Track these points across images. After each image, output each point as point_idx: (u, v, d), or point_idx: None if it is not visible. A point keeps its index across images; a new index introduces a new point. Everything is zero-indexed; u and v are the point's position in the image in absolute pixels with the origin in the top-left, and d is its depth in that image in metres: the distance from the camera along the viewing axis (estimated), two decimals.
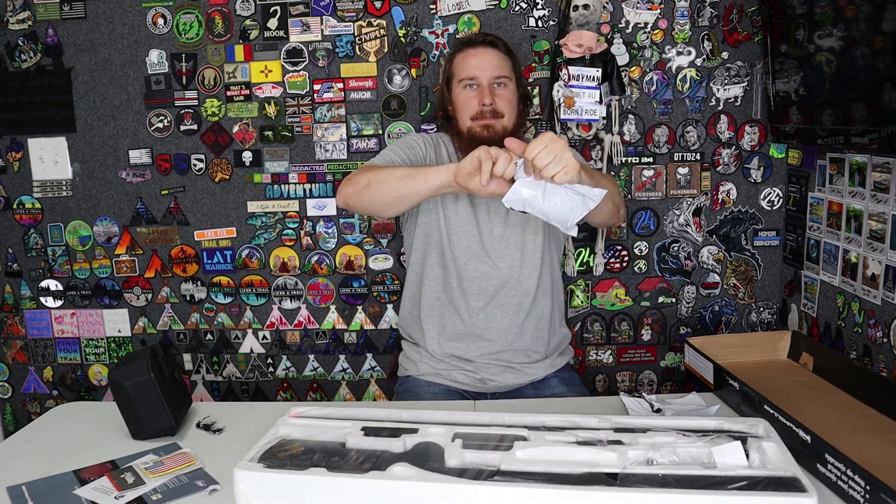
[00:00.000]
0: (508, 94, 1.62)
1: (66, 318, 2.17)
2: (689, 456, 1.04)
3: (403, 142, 1.66)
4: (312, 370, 2.14)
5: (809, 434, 1.09)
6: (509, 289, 1.64)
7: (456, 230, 1.64)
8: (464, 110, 1.62)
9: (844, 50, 1.44)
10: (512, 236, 1.65)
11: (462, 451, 1.07)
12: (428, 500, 0.99)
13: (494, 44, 1.64)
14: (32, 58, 2.02)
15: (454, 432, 1.13)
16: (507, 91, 1.62)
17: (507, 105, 1.61)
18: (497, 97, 1.60)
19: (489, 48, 1.64)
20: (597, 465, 1.02)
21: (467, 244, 1.64)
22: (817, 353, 1.57)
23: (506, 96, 1.61)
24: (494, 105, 1.59)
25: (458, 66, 1.65)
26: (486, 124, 1.59)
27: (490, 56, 1.63)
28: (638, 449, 1.05)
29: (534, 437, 1.11)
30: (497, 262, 1.65)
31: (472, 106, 1.60)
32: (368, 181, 1.45)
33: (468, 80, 1.61)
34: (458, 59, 1.66)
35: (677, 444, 1.07)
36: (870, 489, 0.96)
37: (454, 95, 1.66)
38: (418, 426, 1.16)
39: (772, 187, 1.96)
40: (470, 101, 1.61)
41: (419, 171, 1.42)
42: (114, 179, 2.07)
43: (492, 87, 1.60)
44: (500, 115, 1.60)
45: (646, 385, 2.08)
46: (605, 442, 1.09)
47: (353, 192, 1.48)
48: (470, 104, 1.61)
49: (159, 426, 1.30)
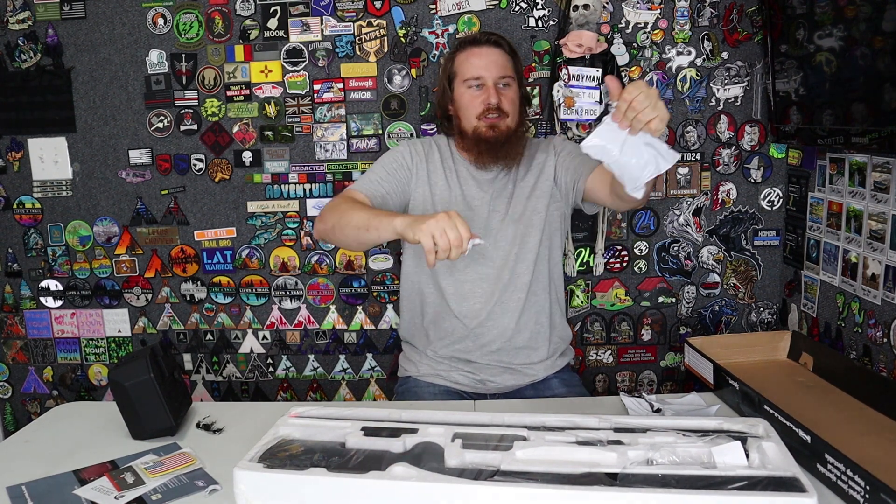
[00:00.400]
0: (512, 93, 1.62)
1: (66, 318, 2.17)
2: (689, 456, 1.04)
3: (390, 159, 1.67)
4: (312, 370, 2.14)
5: (809, 434, 1.10)
6: (505, 285, 1.64)
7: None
8: (468, 110, 1.61)
9: (844, 50, 1.44)
10: (507, 231, 1.65)
11: (462, 451, 1.07)
12: (428, 500, 0.99)
13: (499, 43, 1.64)
14: (32, 58, 2.02)
15: (454, 432, 1.13)
16: (510, 91, 1.62)
17: (510, 105, 1.61)
18: (502, 96, 1.59)
19: (494, 48, 1.63)
20: (597, 465, 1.02)
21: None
22: (817, 354, 1.57)
23: (510, 96, 1.61)
24: (500, 104, 1.58)
25: (462, 66, 1.63)
26: (491, 124, 1.58)
27: (495, 56, 1.62)
28: (638, 449, 1.05)
29: (534, 437, 1.11)
30: (492, 259, 1.64)
31: (477, 106, 1.60)
32: (334, 224, 1.49)
33: (473, 79, 1.60)
34: (460, 58, 1.64)
35: (677, 444, 1.07)
36: (870, 489, 0.96)
37: (457, 95, 1.64)
38: (418, 426, 1.16)
39: (772, 187, 1.96)
40: (475, 101, 1.60)
41: (373, 221, 1.40)
42: (114, 179, 2.07)
43: (497, 86, 1.60)
44: (505, 115, 1.59)
45: (646, 385, 2.08)
46: (605, 442, 1.09)
47: (322, 230, 1.54)
48: (475, 104, 1.60)
49: (159, 426, 1.30)
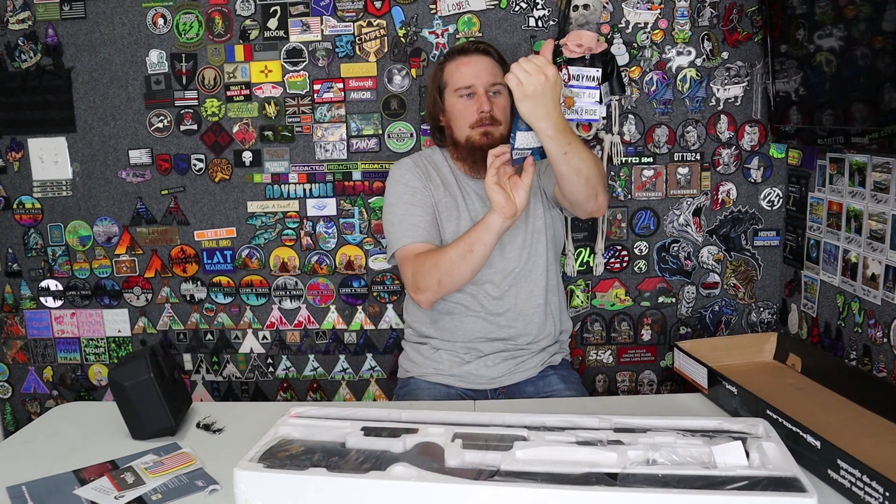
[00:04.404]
0: (503, 101, 1.61)
1: (66, 318, 2.17)
2: (689, 456, 1.03)
3: (405, 190, 1.63)
4: (312, 370, 2.14)
5: (819, 439, 1.08)
6: (518, 290, 1.64)
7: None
8: (461, 119, 1.61)
9: (844, 50, 1.44)
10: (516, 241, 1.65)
11: (462, 451, 1.07)
12: (428, 500, 0.99)
13: (487, 51, 1.63)
14: (32, 58, 2.02)
15: (454, 432, 1.13)
16: (501, 98, 1.61)
17: (502, 112, 1.60)
18: (494, 104, 1.59)
19: (482, 56, 1.62)
20: (597, 465, 1.02)
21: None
22: (805, 355, 1.57)
23: (501, 104, 1.60)
24: (492, 111, 1.58)
25: (452, 76, 1.62)
26: (485, 131, 1.58)
27: (484, 63, 1.61)
28: (638, 449, 1.05)
29: (534, 437, 1.11)
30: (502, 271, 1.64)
31: (469, 114, 1.59)
32: (439, 279, 1.50)
33: (464, 88, 1.60)
34: (450, 68, 1.63)
35: (677, 444, 1.06)
36: (889, 495, 0.94)
37: (448, 105, 1.63)
38: (418, 426, 1.15)
39: (772, 187, 1.96)
40: (467, 110, 1.59)
41: (469, 238, 1.45)
42: (114, 179, 2.07)
43: (488, 94, 1.59)
44: (498, 123, 1.59)
45: (646, 385, 2.08)
46: (604, 442, 1.09)
47: (432, 295, 1.53)
48: (467, 112, 1.59)
49: (159, 426, 1.30)
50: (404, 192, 1.64)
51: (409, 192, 1.63)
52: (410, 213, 1.61)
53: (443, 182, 1.68)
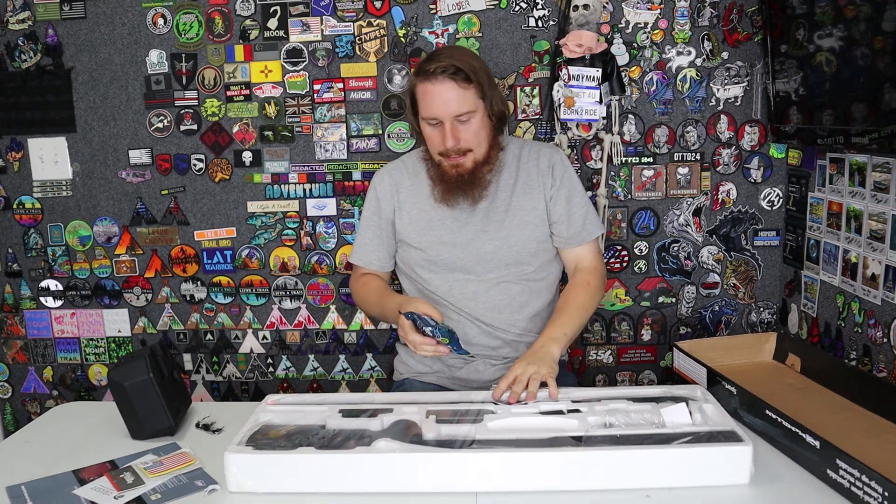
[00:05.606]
0: (474, 125, 1.54)
1: (66, 318, 2.17)
2: (640, 419, 1.18)
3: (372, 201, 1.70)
4: (312, 370, 2.14)
5: (818, 439, 1.09)
6: (504, 283, 1.63)
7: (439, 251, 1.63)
8: (431, 144, 1.58)
9: (844, 50, 1.44)
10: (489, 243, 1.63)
11: (437, 426, 1.17)
12: (415, 469, 1.08)
13: (453, 75, 1.50)
14: (32, 58, 2.02)
15: (427, 409, 1.23)
16: (472, 124, 1.54)
17: (473, 138, 1.55)
18: (462, 133, 1.53)
19: (448, 81, 1.50)
20: (562, 430, 1.15)
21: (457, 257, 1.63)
22: (804, 355, 1.57)
23: (472, 129, 1.54)
24: (459, 144, 1.53)
25: (420, 101, 1.56)
26: (454, 164, 1.56)
27: (449, 93, 1.50)
28: (596, 415, 1.19)
29: (501, 410, 1.24)
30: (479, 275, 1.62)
31: (438, 143, 1.56)
32: (358, 302, 1.78)
33: (430, 118, 1.55)
34: (419, 91, 1.56)
35: (630, 409, 1.21)
36: (888, 495, 0.94)
37: (421, 125, 1.60)
38: (393, 406, 1.25)
39: (772, 187, 1.96)
40: (436, 139, 1.56)
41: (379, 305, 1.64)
42: (114, 179, 2.07)
43: (454, 125, 1.53)
44: (468, 151, 1.55)
45: (646, 385, 2.08)
46: (565, 412, 1.22)
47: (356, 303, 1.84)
48: (436, 141, 1.56)
49: (159, 426, 1.30)
50: (371, 200, 1.71)
51: (374, 202, 1.70)
52: (365, 228, 1.71)
53: (418, 191, 1.66)
